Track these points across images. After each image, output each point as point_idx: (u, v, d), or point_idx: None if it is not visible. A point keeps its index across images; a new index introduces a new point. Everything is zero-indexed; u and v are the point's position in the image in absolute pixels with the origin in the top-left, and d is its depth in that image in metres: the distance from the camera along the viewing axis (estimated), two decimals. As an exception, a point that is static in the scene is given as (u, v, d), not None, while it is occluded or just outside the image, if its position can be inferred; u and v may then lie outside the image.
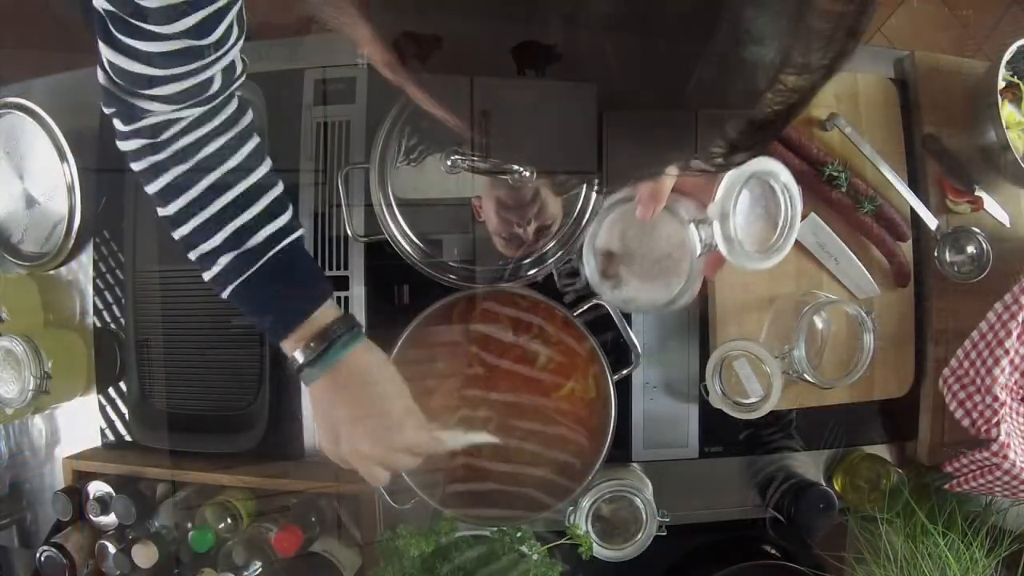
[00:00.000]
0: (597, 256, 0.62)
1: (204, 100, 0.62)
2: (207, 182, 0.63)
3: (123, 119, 0.63)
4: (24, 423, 1.01)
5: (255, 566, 0.81)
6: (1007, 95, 0.91)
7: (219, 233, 0.63)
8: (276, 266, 0.64)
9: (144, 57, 0.56)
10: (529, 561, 0.79)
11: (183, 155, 0.63)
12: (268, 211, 0.65)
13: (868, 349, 0.81)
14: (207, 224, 0.64)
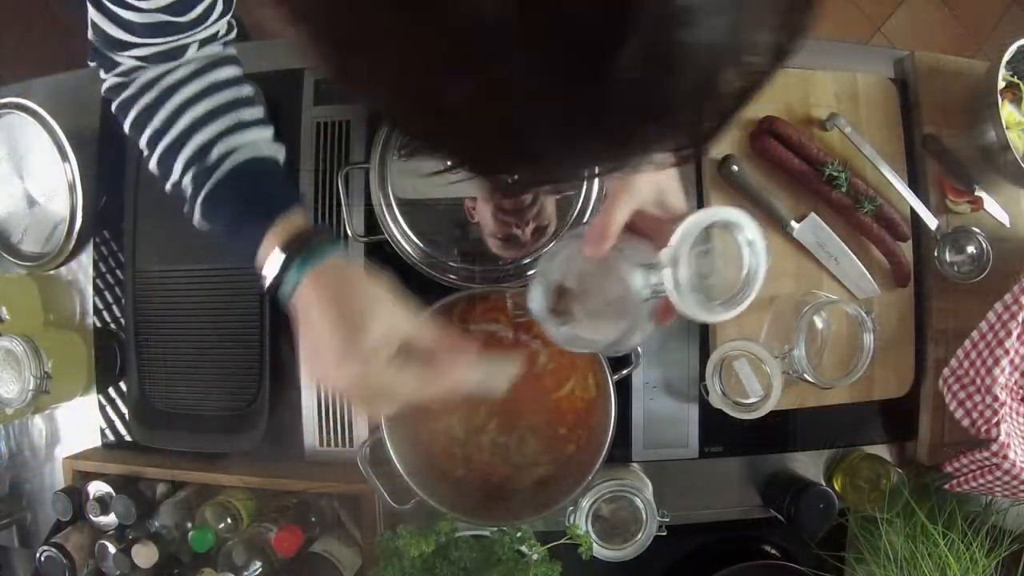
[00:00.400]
0: (550, 289, 0.58)
1: (177, 61, 0.64)
2: (173, 103, 0.63)
3: (103, 69, 0.65)
4: (24, 423, 1.01)
5: (255, 566, 0.81)
6: (1007, 95, 0.91)
7: (183, 151, 0.62)
8: (239, 177, 0.61)
9: (125, 24, 0.58)
10: (529, 561, 0.79)
11: (149, 85, 0.64)
12: (235, 126, 0.63)
13: (868, 349, 0.81)
14: (172, 145, 0.62)
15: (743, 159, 0.88)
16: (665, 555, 0.92)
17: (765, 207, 0.88)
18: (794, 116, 0.90)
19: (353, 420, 0.92)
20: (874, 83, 0.93)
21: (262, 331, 0.90)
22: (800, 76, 0.92)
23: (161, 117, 0.63)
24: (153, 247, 0.94)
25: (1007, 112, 0.89)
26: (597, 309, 0.59)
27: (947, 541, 0.81)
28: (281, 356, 0.92)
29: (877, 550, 0.86)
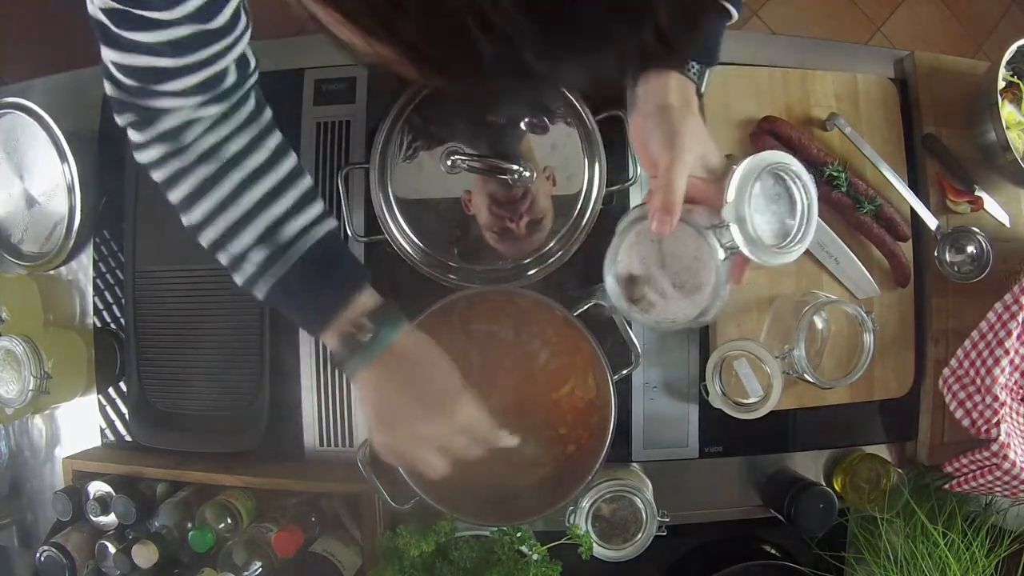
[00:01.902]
0: (620, 282, 0.61)
1: (221, 95, 0.61)
2: (233, 180, 0.62)
3: (139, 127, 0.61)
4: (24, 423, 1.01)
5: (255, 566, 0.81)
6: (1007, 95, 0.91)
7: (248, 230, 0.62)
8: (310, 258, 0.62)
9: (150, 49, 0.54)
10: (529, 561, 0.79)
11: (206, 156, 0.62)
12: (298, 204, 0.63)
13: (868, 349, 0.81)
14: (236, 224, 0.62)
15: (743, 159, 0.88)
16: (665, 555, 0.92)
17: (765, 207, 0.88)
18: (794, 116, 0.90)
19: (353, 420, 0.92)
20: (874, 83, 0.93)
21: (262, 331, 0.90)
22: (800, 76, 0.92)
23: (225, 190, 0.61)
24: (153, 247, 0.94)
25: (1007, 112, 0.89)
26: (675, 286, 0.61)
27: (947, 541, 0.81)
28: (281, 356, 0.92)
29: (877, 550, 0.86)
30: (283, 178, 0.63)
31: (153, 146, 0.62)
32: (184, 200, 0.63)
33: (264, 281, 0.62)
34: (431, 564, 0.78)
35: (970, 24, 2.14)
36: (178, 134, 0.61)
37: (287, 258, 0.61)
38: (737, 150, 0.89)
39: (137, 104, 0.59)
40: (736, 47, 0.95)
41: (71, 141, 0.93)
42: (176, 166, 0.62)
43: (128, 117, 0.61)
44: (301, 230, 0.62)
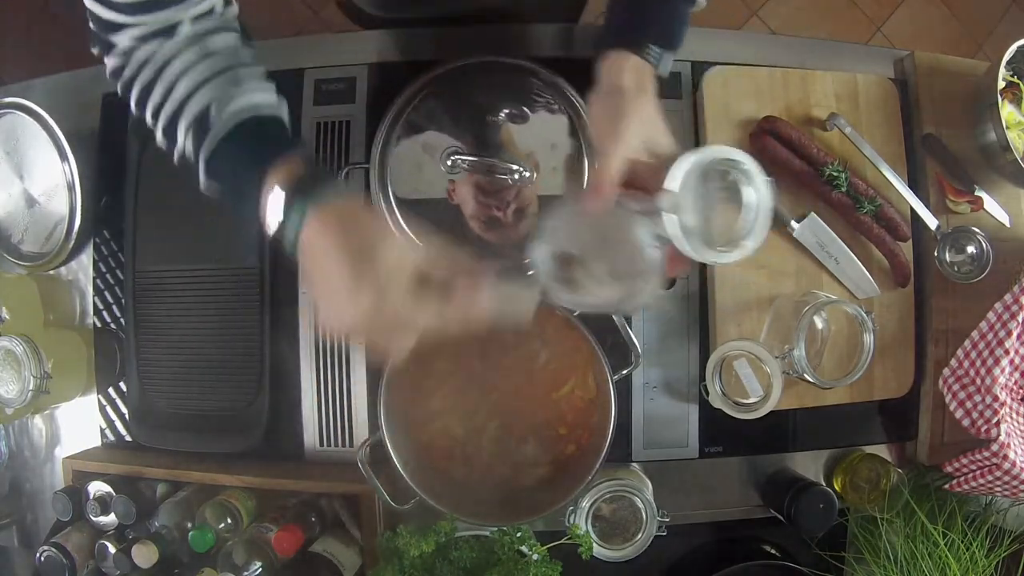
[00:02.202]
0: (555, 259, 0.58)
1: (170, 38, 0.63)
2: (169, 74, 0.62)
3: (104, 53, 0.65)
4: (24, 423, 1.01)
5: (255, 566, 0.81)
6: (1007, 95, 0.91)
7: (182, 118, 0.61)
8: (239, 134, 0.60)
9: (114, 6, 0.59)
10: (529, 561, 0.79)
11: (147, 61, 0.63)
12: (233, 89, 0.62)
13: (868, 349, 0.81)
14: (173, 115, 0.62)
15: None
16: (665, 555, 0.92)
17: (765, 207, 0.88)
18: (794, 116, 0.90)
19: (353, 420, 0.92)
20: (874, 83, 0.93)
21: (262, 331, 0.90)
22: (800, 76, 0.92)
23: (160, 91, 0.62)
24: (153, 247, 0.94)
25: (1007, 112, 0.89)
26: (606, 269, 0.58)
27: (947, 541, 0.81)
28: (281, 356, 0.92)
29: (877, 550, 0.86)
30: (217, 70, 0.62)
31: (110, 63, 0.65)
32: (137, 108, 0.65)
33: (201, 167, 0.62)
34: (431, 564, 0.78)
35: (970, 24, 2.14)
36: (129, 51, 0.63)
37: (212, 138, 0.60)
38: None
39: (103, 38, 0.63)
40: (736, 47, 0.95)
41: (71, 141, 0.93)
42: (125, 76, 0.64)
43: (97, 45, 0.65)
44: (225, 113, 0.60)
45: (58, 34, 1.98)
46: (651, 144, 0.61)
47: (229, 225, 0.92)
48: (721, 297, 0.89)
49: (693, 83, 0.93)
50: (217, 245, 0.93)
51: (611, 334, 0.83)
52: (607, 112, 0.62)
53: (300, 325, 0.92)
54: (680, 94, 0.93)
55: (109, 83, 0.66)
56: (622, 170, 0.59)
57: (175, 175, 0.94)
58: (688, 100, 0.93)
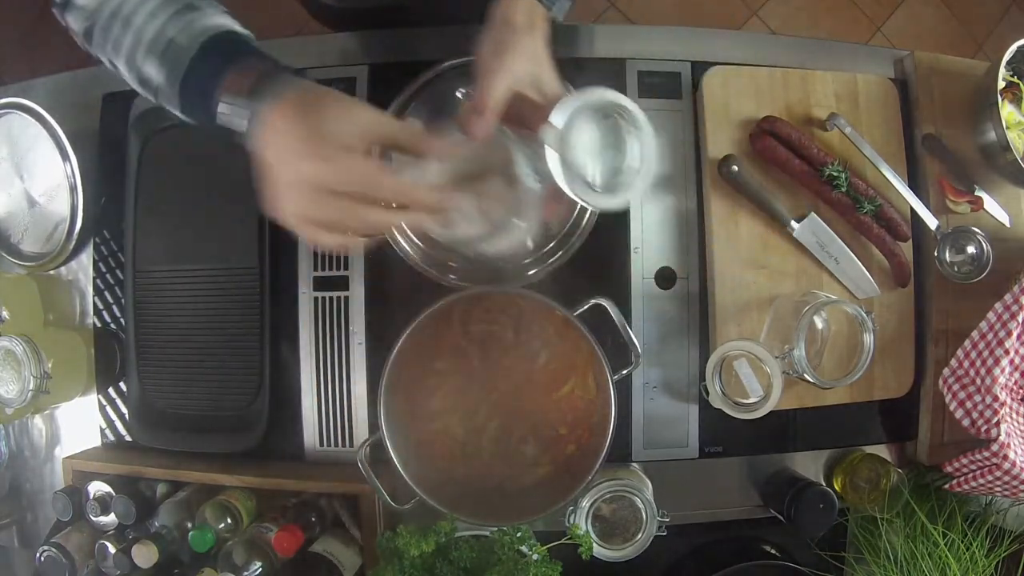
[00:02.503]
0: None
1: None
2: (127, 8, 0.60)
3: (66, 13, 0.64)
4: (24, 423, 1.01)
5: (255, 566, 0.81)
6: (1007, 95, 0.91)
7: (152, 52, 0.59)
8: (211, 49, 0.58)
9: None
10: (529, 561, 0.79)
11: (104, 5, 0.62)
12: (196, 16, 0.60)
13: (868, 349, 0.81)
14: (147, 50, 0.60)
15: (743, 159, 0.88)
16: (665, 555, 0.92)
17: (765, 207, 0.88)
18: (794, 116, 0.90)
19: (353, 420, 0.92)
20: (874, 83, 0.93)
21: (262, 331, 0.90)
22: (800, 76, 0.92)
23: (118, 29, 0.61)
24: (153, 247, 0.94)
25: (1007, 112, 0.89)
26: (477, 201, 0.56)
27: (947, 541, 0.81)
28: (281, 356, 0.92)
29: (877, 550, 0.86)
30: (179, 6, 0.60)
31: (74, 23, 0.64)
32: (106, 54, 0.63)
33: (176, 94, 0.60)
34: (431, 564, 0.78)
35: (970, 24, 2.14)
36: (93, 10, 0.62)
37: (184, 62, 0.58)
38: (737, 150, 0.89)
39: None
40: (736, 47, 0.95)
41: (71, 141, 0.93)
42: (87, 25, 0.63)
43: (57, 9, 0.64)
44: (192, 35, 0.59)
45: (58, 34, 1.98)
46: (538, 82, 0.61)
47: (229, 225, 0.93)
48: (721, 297, 0.89)
49: (693, 83, 0.93)
50: (217, 245, 0.93)
51: (611, 334, 0.83)
52: (494, 46, 0.61)
53: (300, 325, 0.92)
54: (680, 94, 0.93)
55: (84, 53, 0.65)
56: (504, 98, 0.57)
57: (175, 175, 0.95)
58: (688, 100, 0.93)
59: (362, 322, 0.91)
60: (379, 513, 0.86)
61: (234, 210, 0.92)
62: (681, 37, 0.95)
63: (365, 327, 0.91)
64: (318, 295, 0.92)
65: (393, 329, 0.82)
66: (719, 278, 0.89)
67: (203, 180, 0.94)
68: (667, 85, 0.93)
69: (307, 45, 0.96)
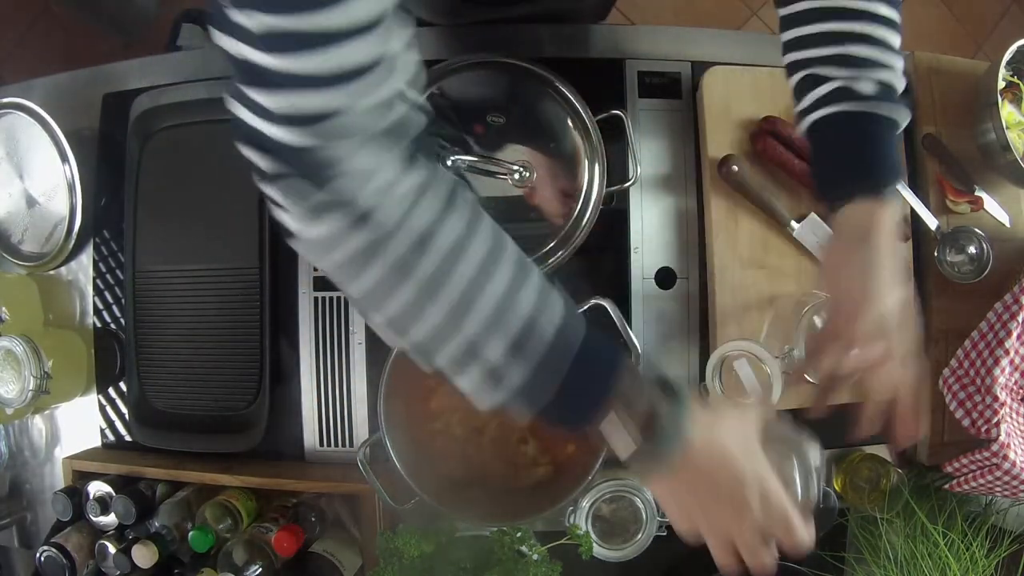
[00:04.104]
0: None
1: (410, 148, 0.49)
2: (471, 263, 0.48)
3: (304, 190, 0.46)
4: (24, 423, 1.01)
5: (255, 566, 0.81)
6: (1007, 95, 0.91)
7: (502, 327, 0.48)
8: (559, 346, 0.50)
9: (318, 81, 0.42)
10: (529, 561, 0.79)
11: (404, 223, 0.47)
12: (544, 287, 0.51)
13: (868, 349, 0.81)
14: (454, 318, 0.48)
15: (743, 159, 0.88)
16: (665, 555, 0.92)
17: (765, 207, 0.88)
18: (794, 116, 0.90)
19: (353, 420, 0.92)
20: (874, 83, 0.93)
21: (262, 331, 0.90)
22: (800, 76, 0.92)
23: (459, 285, 0.47)
24: (153, 247, 0.94)
25: (1007, 112, 0.89)
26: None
27: (947, 541, 0.81)
28: (281, 356, 0.92)
29: (877, 550, 0.86)
30: (518, 261, 0.51)
31: (324, 215, 0.46)
32: (374, 291, 0.48)
33: (517, 385, 0.50)
34: (431, 564, 0.78)
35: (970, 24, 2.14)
36: (361, 198, 0.46)
37: (540, 354, 0.49)
38: (737, 150, 0.89)
39: (303, 158, 0.45)
40: (736, 47, 0.95)
41: (71, 141, 0.93)
42: (364, 239, 0.47)
43: (282, 180, 0.46)
44: (547, 320, 0.49)
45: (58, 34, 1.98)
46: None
47: (229, 225, 0.93)
48: (721, 297, 0.89)
49: (693, 83, 0.93)
50: (217, 245, 0.93)
51: (611, 334, 0.82)
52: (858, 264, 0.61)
53: (300, 325, 0.92)
54: (680, 94, 0.93)
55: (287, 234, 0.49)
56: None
57: (175, 176, 0.95)
58: (688, 100, 0.93)
59: (362, 322, 0.91)
60: (379, 513, 0.86)
61: (234, 210, 0.92)
62: (681, 37, 0.95)
63: (365, 327, 0.91)
64: (318, 295, 0.92)
65: (393, 329, 0.82)
66: (719, 278, 0.89)
67: (203, 180, 0.94)
68: (667, 85, 0.93)
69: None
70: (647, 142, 0.92)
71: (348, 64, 0.42)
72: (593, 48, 0.95)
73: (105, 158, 0.97)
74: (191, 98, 0.93)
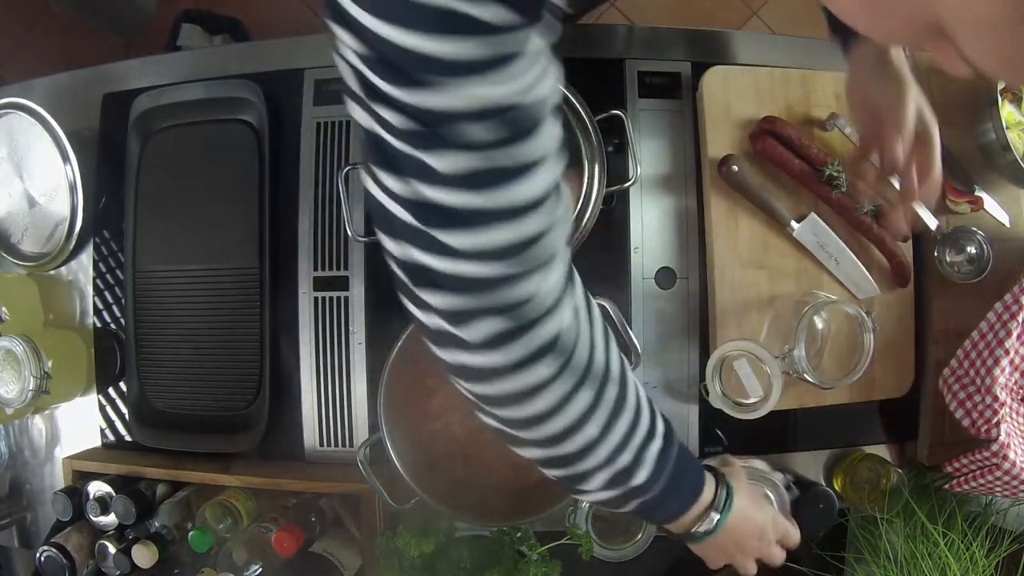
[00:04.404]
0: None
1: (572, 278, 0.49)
2: (620, 381, 0.53)
3: (505, 332, 0.45)
4: (24, 423, 1.01)
5: (255, 566, 0.81)
6: (1007, 95, 0.91)
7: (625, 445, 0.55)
8: (679, 459, 0.59)
9: (515, 212, 0.42)
10: (529, 561, 0.79)
11: (594, 358, 0.50)
12: (652, 425, 0.58)
13: (868, 349, 0.81)
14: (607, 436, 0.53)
15: (743, 159, 0.88)
16: (665, 555, 0.92)
17: (765, 207, 0.88)
18: (794, 116, 0.90)
19: (353, 420, 0.92)
20: (874, 83, 0.93)
21: (262, 331, 0.90)
22: (800, 76, 0.92)
23: (633, 405, 0.55)
24: (153, 247, 0.94)
25: (1007, 112, 0.89)
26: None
27: (947, 541, 0.81)
28: (281, 356, 0.92)
29: (877, 550, 0.86)
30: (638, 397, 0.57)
31: (541, 363, 0.47)
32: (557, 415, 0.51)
33: (649, 494, 0.58)
34: (431, 564, 0.78)
35: (970, 24, 2.14)
36: (564, 342, 0.48)
37: (662, 480, 0.58)
38: (737, 150, 0.89)
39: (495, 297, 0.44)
40: (736, 47, 0.95)
41: (71, 141, 0.93)
42: (572, 382, 0.49)
43: (479, 326, 0.45)
44: (664, 433, 0.59)
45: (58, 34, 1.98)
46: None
47: (229, 225, 0.93)
48: (721, 297, 0.89)
49: (693, 83, 0.93)
50: (217, 245, 0.93)
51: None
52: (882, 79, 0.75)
53: (300, 325, 0.92)
54: (680, 94, 0.93)
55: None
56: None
57: (175, 175, 0.95)
58: (688, 100, 0.93)
59: (362, 322, 0.91)
60: (379, 513, 0.86)
61: (234, 210, 0.92)
62: (681, 37, 0.95)
63: (365, 327, 0.91)
64: (318, 295, 0.92)
65: (393, 329, 0.82)
66: (719, 278, 0.89)
67: (203, 180, 0.94)
68: (667, 85, 0.93)
69: (307, 45, 0.96)
70: (647, 142, 0.92)
71: (545, 187, 0.43)
72: (593, 48, 0.95)
73: (105, 158, 0.97)
74: (191, 98, 0.93)
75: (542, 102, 0.41)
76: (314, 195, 0.92)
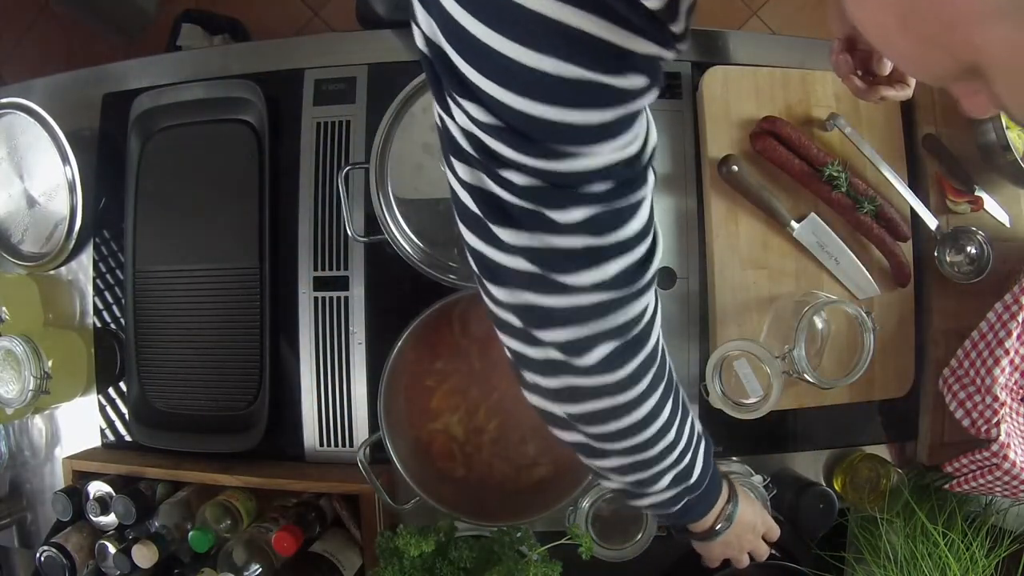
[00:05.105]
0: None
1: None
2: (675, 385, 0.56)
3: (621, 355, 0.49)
4: (24, 423, 1.01)
5: (255, 566, 0.81)
6: (1007, 95, 0.91)
7: (676, 467, 0.58)
8: (704, 468, 0.62)
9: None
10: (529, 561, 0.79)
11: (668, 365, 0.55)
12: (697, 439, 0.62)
13: (868, 349, 0.81)
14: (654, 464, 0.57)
15: (743, 159, 0.88)
16: (665, 555, 0.92)
17: (765, 207, 0.88)
18: (794, 116, 0.90)
19: (353, 420, 0.92)
20: (874, 83, 0.93)
21: (262, 331, 0.90)
22: (800, 76, 0.92)
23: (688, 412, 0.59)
24: (153, 247, 0.94)
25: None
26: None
27: (947, 541, 0.81)
28: (281, 356, 0.92)
29: (877, 550, 0.86)
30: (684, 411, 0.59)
31: (648, 374, 0.52)
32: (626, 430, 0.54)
33: (680, 502, 0.62)
34: (431, 564, 0.78)
35: (970, 24, 2.14)
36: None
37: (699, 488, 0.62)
38: (737, 150, 0.89)
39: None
40: (736, 47, 0.95)
41: (71, 141, 0.93)
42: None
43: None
44: (696, 442, 0.61)
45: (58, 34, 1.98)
46: None
47: (229, 225, 0.93)
48: (721, 297, 0.89)
49: (693, 83, 0.93)
50: (217, 245, 0.93)
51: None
52: None
53: (300, 325, 0.92)
54: (680, 94, 0.93)
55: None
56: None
57: (175, 175, 0.95)
58: (688, 100, 0.93)
59: (362, 322, 0.91)
60: (379, 513, 0.86)
61: (234, 210, 0.92)
62: (681, 37, 0.95)
63: (365, 327, 0.91)
64: (318, 295, 0.92)
65: (393, 329, 0.82)
66: (719, 278, 0.89)
67: (203, 180, 0.94)
68: (667, 85, 0.93)
69: (307, 45, 0.96)
70: (647, 142, 0.92)
71: (650, 214, 0.48)
72: (593, 48, 0.95)
73: (105, 158, 0.97)
74: (191, 98, 0.93)
75: (651, 147, 0.45)
76: (314, 195, 0.92)
